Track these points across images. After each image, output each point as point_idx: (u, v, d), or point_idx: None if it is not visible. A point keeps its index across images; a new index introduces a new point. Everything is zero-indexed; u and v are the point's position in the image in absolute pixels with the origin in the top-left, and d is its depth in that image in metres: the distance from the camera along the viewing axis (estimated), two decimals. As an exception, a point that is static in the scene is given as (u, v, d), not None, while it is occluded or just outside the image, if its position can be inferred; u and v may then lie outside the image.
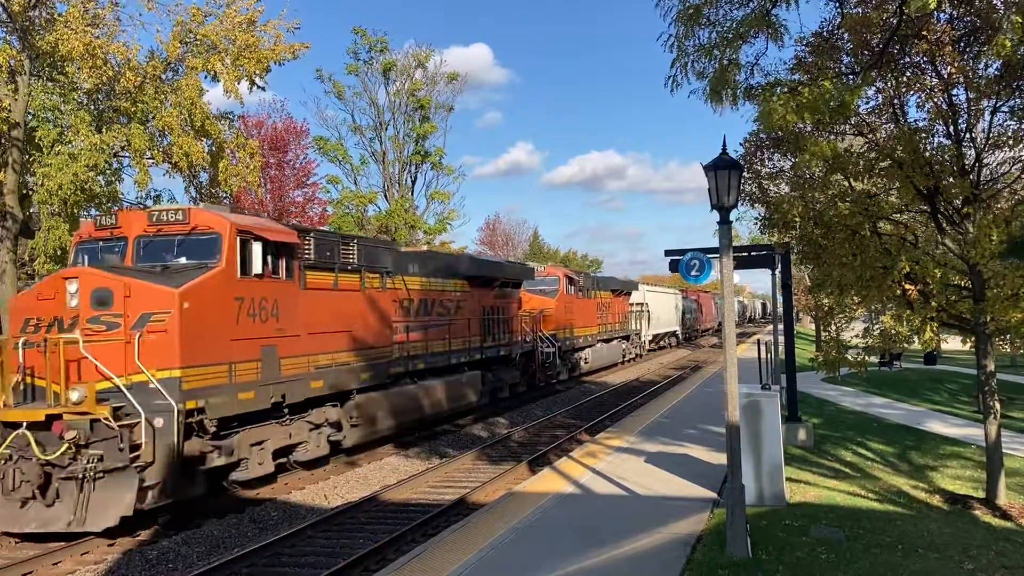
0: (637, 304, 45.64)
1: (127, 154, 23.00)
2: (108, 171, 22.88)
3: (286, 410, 14.26)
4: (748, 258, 17.39)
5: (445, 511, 12.69)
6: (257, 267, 13.29)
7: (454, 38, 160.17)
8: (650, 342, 49.78)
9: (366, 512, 13.14)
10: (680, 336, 60.42)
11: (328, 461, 16.04)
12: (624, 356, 41.36)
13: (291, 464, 15.13)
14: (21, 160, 21.38)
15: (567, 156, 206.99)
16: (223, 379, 12.57)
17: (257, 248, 13.31)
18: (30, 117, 21.99)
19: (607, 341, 37.81)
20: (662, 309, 53.02)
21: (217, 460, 12.60)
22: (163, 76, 23.31)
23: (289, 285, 14.25)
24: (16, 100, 20.90)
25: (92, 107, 23.04)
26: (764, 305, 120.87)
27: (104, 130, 21.87)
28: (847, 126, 12.25)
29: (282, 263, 14.11)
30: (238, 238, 13.02)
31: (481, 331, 22.93)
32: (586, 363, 34.19)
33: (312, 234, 15.52)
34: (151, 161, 23.19)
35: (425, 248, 25.43)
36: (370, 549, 10.65)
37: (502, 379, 25.07)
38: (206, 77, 23.79)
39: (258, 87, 24.33)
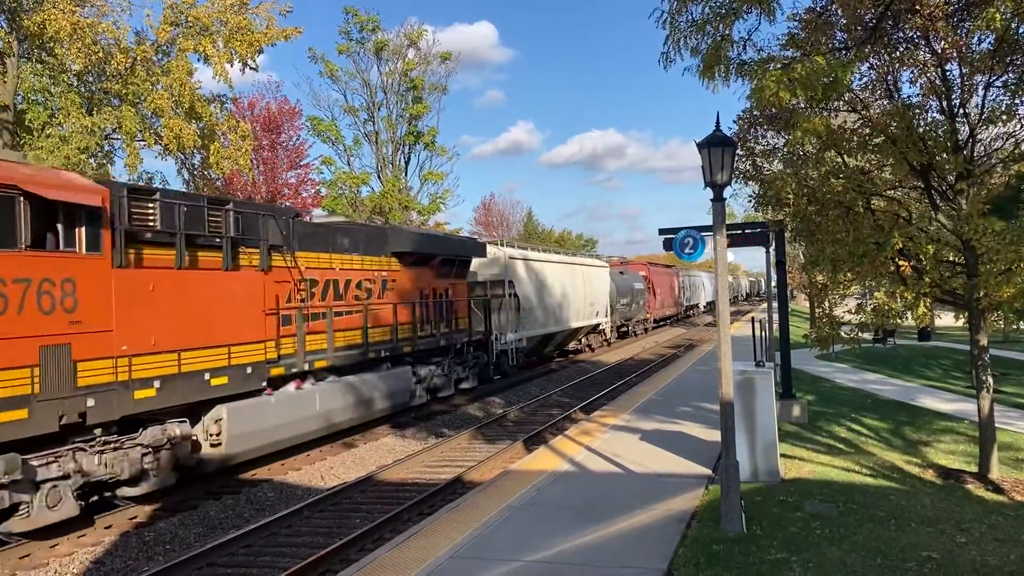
0: (492, 283, 26.05)
1: (118, 136, 22.89)
2: (100, 154, 22.79)
3: None
4: (742, 236, 17.37)
5: (441, 490, 12.75)
6: None
7: (458, 15, 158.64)
8: (524, 353, 28.26)
9: (363, 492, 13.19)
10: (611, 332, 41.26)
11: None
12: (418, 395, 19.57)
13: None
14: (12, 143, 21.25)
15: (567, 135, 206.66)
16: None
17: None
18: (20, 99, 21.84)
19: (361, 367, 17.13)
20: (557, 294, 30.81)
21: None
22: (154, 58, 23.14)
23: None
24: (5, 82, 20.74)
25: (83, 89, 22.88)
26: (756, 283, 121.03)
27: (95, 112, 21.75)
28: (840, 102, 12.19)
29: None
30: None
31: None
32: (214, 447, 13.11)
33: None
34: (142, 143, 23.08)
35: None
36: (367, 528, 10.70)
37: None
38: (198, 59, 23.66)
39: (250, 68, 24.19)
